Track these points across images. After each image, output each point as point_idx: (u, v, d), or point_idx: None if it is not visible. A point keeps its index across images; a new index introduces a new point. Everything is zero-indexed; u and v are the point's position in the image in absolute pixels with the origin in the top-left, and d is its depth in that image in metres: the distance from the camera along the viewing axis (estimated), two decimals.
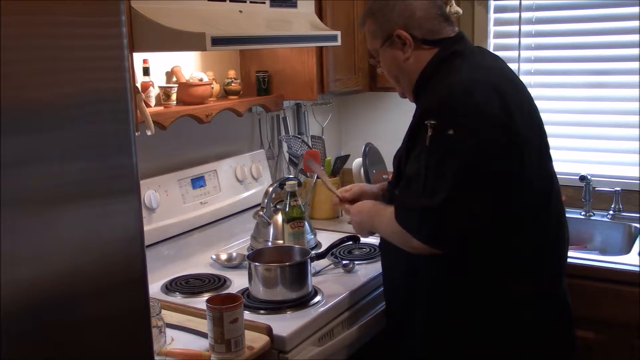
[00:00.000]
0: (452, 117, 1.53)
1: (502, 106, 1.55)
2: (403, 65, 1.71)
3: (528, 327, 1.65)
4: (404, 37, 1.68)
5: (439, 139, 1.51)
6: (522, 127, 1.58)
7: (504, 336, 1.65)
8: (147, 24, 1.71)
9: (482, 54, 1.80)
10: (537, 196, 1.64)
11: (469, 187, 1.50)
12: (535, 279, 1.66)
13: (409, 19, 1.68)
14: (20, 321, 0.97)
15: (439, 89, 1.61)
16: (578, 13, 2.66)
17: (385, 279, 1.88)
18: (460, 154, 1.50)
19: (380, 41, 1.73)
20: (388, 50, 1.72)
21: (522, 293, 1.64)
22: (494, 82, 1.61)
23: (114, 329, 1.13)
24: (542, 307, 1.68)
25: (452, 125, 1.51)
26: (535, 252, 1.65)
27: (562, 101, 2.74)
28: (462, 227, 1.51)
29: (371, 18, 1.75)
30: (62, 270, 1.03)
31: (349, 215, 1.95)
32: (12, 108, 0.93)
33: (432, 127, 1.52)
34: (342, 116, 3.17)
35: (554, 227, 1.70)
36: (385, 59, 1.75)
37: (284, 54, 2.45)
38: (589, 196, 2.59)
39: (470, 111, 1.53)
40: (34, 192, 0.98)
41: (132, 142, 1.12)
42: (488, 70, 1.68)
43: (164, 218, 2.13)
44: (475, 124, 1.52)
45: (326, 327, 1.82)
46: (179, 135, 2.23)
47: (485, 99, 1.55)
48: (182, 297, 1.95)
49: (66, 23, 1.01)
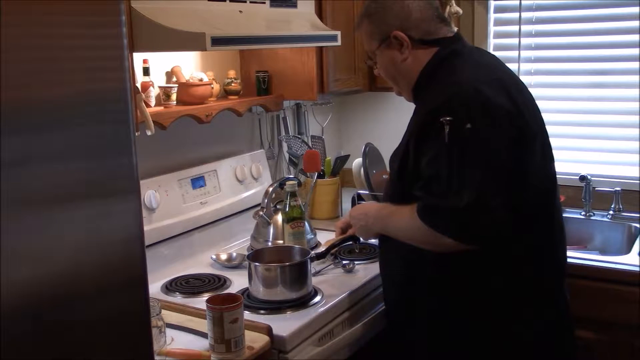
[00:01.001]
0: (467, 111, 1.53)
1: (510, 101, 1.58)
2: (401, 65, 1.72)
3: (529, 327, 1.65)
4: (401, 38, 1.68)
5: (457, 134, 1.51)
6: (531, 122, 1.61)
7: (505, 336, 1.65)
8: (147, 24, 1.71)
9: (481, 53, 1.81)
10: (543, 195, 1.65)
11: (492, 182, 1.51)
12: (535, 279, 1.66)
13: (405, 20, 1.69)
14: (20, 321, 0.97)
15: (446, 87, 1.61)
16: (578, 13, 2.66)
17: (385, 280, 1.88)
18: (481, 147, 1.51)
19: (377, 43, 1.73)
20: (385, 51, 1.73)
21: (525, 293, 1.65)
22: (499, 79, 1.63)
23: (114, 329, 1.13)
24: (543, 307, 1.68)
25: (468, 119, 1.51)
26: (538, 251, 1.65)
27: (562, 101, 2.74)
28: (489, 223, 1.52)
29: (367, 20, 1.75)
30: (62, 270, 1.03)
31: (351, 219, 1.94)
32: (12, 108, 0.93)
33: (448, 124, 1.51)
34: (342, 116, 3.17)
35: (556, 228, 1.71)
36: (383, 60, 1.75)
37: (284, 54, 2.45)
38: (589, 196, 2.59)
39: (483, 104, 1.54)
40: (34, 192, 0.98)
41: (132, 142, 1.12)
42: (490, 68, 1.69)
43: (164, 218, 2.13)
44: (490, 115, 1.54)
45: (326, 327, 1.82)
46: (179, 135, 2.23)
47: (494, 93, 1.56)
48: (182, 297, 1.95)
49: (66, 23, 1.01)
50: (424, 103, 1.67)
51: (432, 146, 1.56)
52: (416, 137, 1.61)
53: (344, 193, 2.74)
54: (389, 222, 1.75)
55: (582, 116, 2.73)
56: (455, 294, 1.64)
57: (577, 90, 2.72)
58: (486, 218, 1.51)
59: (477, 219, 1.51)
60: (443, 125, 1.52)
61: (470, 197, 1.48)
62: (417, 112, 1.71)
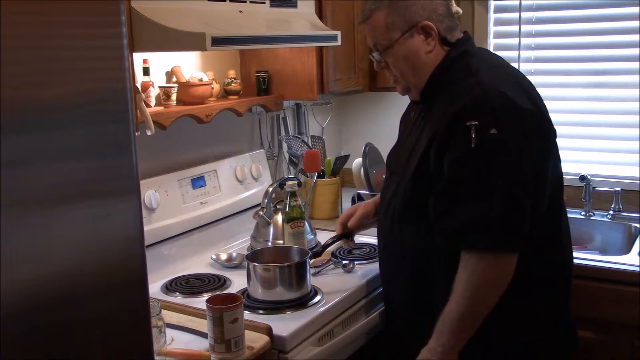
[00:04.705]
0: (492, 115, 1.52)
1: (533, 103, 1.59)
2: (423, 57, 1.67)
3: (539, 329, 1.66)
4: (430, 29, 1.66)
5: (484, 138, 1.51)
6: (551, 122, 1.64)
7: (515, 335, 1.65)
8: (147, 24, 1.71)
9: (490, 54, 1.81)
10: (553, 195, 1.65)
11: (520, 186, 1.52)
12: (546, 280, 1.67)
13: (433, 12, 1.67)
14: (20, 321, 0.97)
15: (467, 88, 1.58)
16: (578, 13, 2.66)
17: (388, 281, 1.86)
18: (507, 151, 1.51)
19: (400, 32, 1.66)
20: (408, 41, 1.67)
21: (535, 293, 1.65)
22: (519, 81, 1.65)
23: (114, 329, 1.13)
24: (552, 308, 1.70)
25: (494, 124, 1.51)
26: (548, 252, 1.65)
27: (562, 101, 2.73)
28: (523, 225, 1.52)
29: (386, 10, 1.68)
30: (62, 270, 1.03)
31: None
32: (12, 108, 0.93)
33: (475, 128, 1.51)
34: (342, 116, 3.17)
35: (564, 228, 1.71)
36: (400, 51, 1.68)
37: (284, 54, 2.45)
38: (589, 196, 2.59)
39: (508, 108, 1.54)
40: (34, 192, 0.98)
41: (132, 142, 1.12)
42: (506, 70, 1.70)
43: (164, 218, 2.13)
44: (516, 119, 1.54)
45: (326, 327, 1.82)
46: (179, 135, 2.23)
47: (516, 95, 1.57)
48: (182, 297, 1.95)
49: (66, 23, 1.01)
50: (443, 103, 1.63)
51: (457, 149, 1.54)
52: (439, 139, 1.58)
53: (344, 193, 2.74)
54: (457, 310, 1.55)
55: (582, 116, 2.73)
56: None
57: (577, 90, 2.71)
58: (519, 220, 1.51)
59: (507, 223, 1.51)
60: (469, 129, 1.51)
61: (502, 202, 1.49)
62: (434, 112, 1.66)
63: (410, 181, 1.68)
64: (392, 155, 1.89)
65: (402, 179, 1.72)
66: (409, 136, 1.76)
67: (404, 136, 1.83)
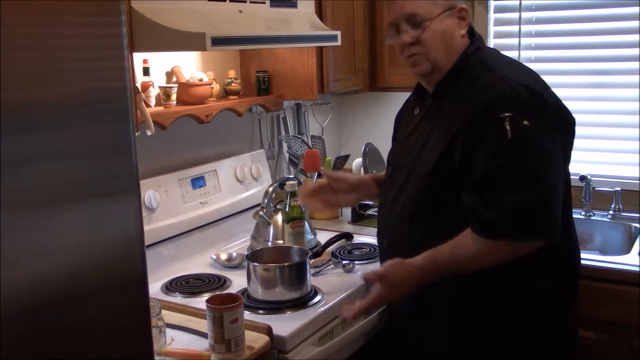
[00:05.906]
0: (523, 108, 1.53)
1: (554, 98, 1.63)
2: (458, 40, 1.68)
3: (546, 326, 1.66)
4: (466, 14, 1.68)
5: (518, 129, 1.51)
6: (572, 120, 1.67)
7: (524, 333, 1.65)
8: (147, 24, 1.71)
9: (499, 52, 1.82)
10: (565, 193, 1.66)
11: (554, 177, 1.55)
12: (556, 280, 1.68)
13: (465, 2, 1.70)
14: (20, 321, 0.97)
15: (489, 83, 1.59)
16: (578, 13, 2.66)
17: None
18: (540, 143, 1.53)
19: (442, 8, 1.65)
20: (446, 20, 1.66)
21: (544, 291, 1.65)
22: (534, 76, 1.67)
23: (114, 329, 1.13)
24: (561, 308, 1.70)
25: (525, 115, 1.52)
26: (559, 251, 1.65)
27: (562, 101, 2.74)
28: (557, 216, 1.54)
29: None
30: (62, 270, 1.03)
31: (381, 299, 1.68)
32: (12, 108, 0.93)
33: (509, 120, 1.51)
34: (342, 116, 3.17)
35: (572, 227, 1.72)
36: (439, 27, 1.65)
37: (284, 54, 2.45)
38: (589, 196, 2.59)
39: (536, 101, 1.56)
40: (34, 192, 0.98)
41: (132, 142, 1.12)
42: (519, 65, 1.74)
43: (164, 218, 2.13)
44: (543, 113, 1.56)
45: (326, 327, 1.82)
46: (179, 135, 2.23)
47: (541, 89, 1.60)
48: (182, 297, 1.95)
49: (66, 23, 1.01)
50: (460, 99, 1.63)
51: (492, 141, 1.53)
52: (466, 133, 1.57)
53: None
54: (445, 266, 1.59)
55: (582, 116, 2.70)
56: (476, 295, 1.63)
57: (577, 90, 2.71)
58: (556, 211, 1.54)
59: (549, 212, 1.53)
60: (502, 120, 1.51)
61: (544, 191, 1.51)
62: (447, 108, 1.66)
63: (425, 178, 1.64)
64: (395, 152, 1.88)
65: (411, 176, 1.70)
66: (414, 132, 1.75)
67: (406, 132, 1.81)
